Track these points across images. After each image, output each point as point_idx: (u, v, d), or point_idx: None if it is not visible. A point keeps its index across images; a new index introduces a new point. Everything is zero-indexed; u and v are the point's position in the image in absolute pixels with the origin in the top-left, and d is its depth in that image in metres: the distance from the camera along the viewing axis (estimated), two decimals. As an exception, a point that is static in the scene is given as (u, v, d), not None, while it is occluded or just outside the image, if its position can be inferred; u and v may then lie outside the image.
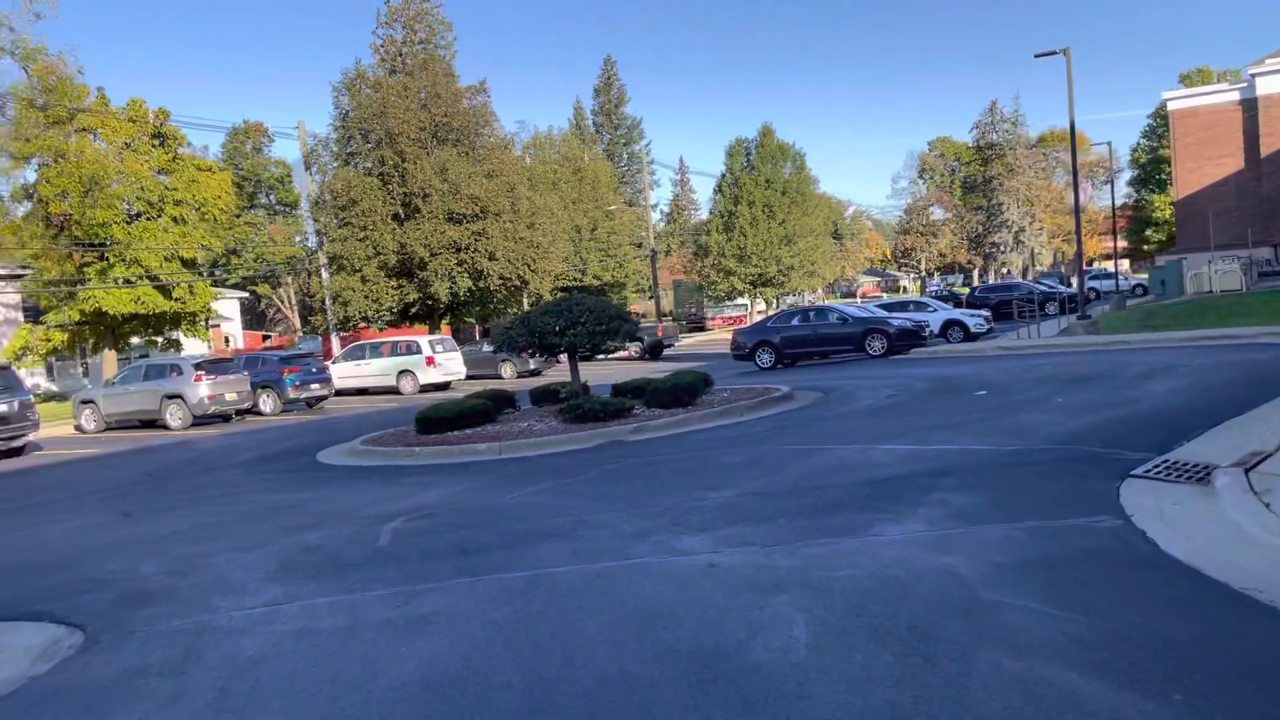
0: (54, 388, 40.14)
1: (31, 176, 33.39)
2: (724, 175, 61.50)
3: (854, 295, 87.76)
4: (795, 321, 25.83)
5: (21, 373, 38.81)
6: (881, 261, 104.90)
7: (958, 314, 29.54)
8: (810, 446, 10.48)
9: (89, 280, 33.56)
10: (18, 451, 19.63)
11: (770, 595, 5.09)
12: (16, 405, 19.08)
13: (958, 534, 6.09)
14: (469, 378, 31.24)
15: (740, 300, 64.91)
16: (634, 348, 35.64)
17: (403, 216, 38.74)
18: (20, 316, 40.34)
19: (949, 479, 7.82)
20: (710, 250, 61.04)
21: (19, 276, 39.02)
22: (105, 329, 35.34)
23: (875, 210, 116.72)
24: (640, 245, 64.44)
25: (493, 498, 9.26)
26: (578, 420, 14.02)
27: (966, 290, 50.04)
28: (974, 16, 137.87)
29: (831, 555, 5.82)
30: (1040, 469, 7.99)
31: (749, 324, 51.22)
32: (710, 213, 65.94)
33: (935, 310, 30.04)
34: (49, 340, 35.20)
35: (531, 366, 32.16)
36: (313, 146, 42.38)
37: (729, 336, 51.28)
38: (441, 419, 14.64)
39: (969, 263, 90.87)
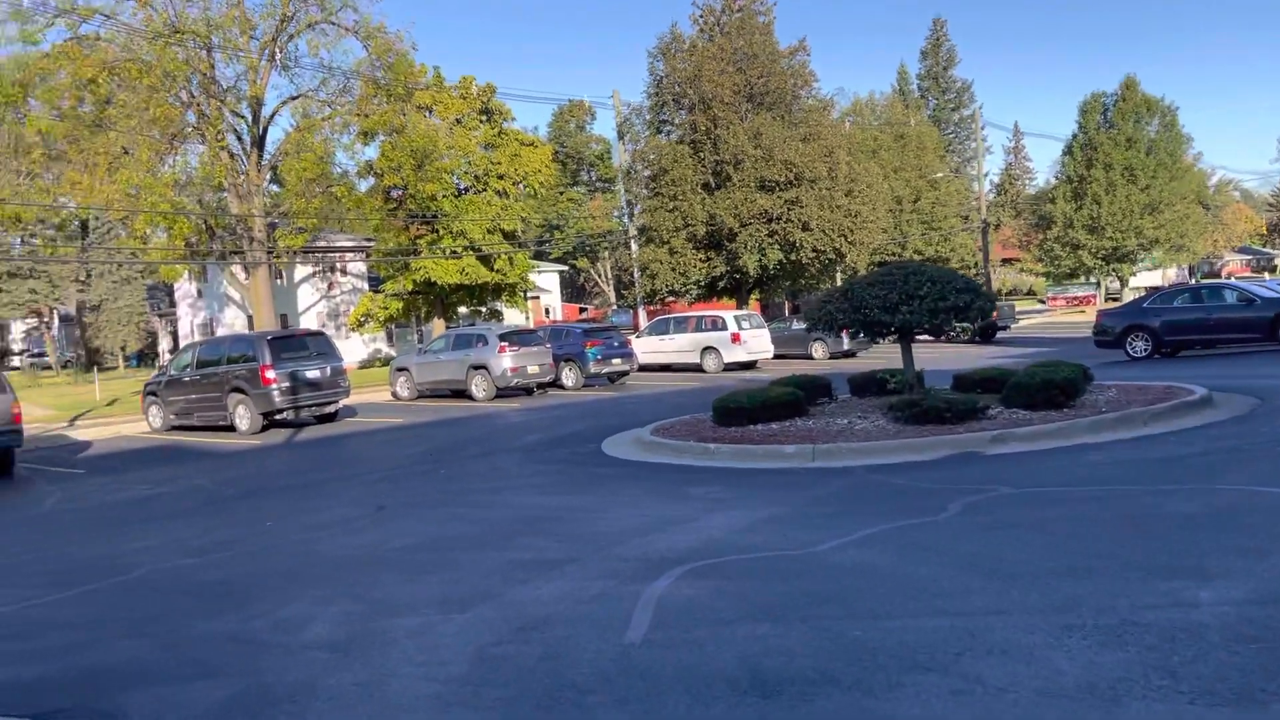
0: (392, 353, 42.94)
1: (373, 153, 35.31)
2: (1075, 135, 53.83)
3: (1217, 275, 74.61)
4: (1179, 302, 21.21)
5: (365, 338, 42.44)
6: (1256, 238, 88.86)
7: None
8: (1315, 495, 6.60)
9: (420, 251, 35.03)
10: (330, 417, 19.81)
11: None
12: (329, 371, 19.13)
13: None
14: (776, 357, 28.74)
15: (1086, 279, 56.94)
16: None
17: (713, 185, 36.82)
18: (365, 285, 43.63)
19: None
20: (1055, 221, 53.70)
21: (364, 248, 42.09)
22: (434, 298, 36.90)
23: (1248, 179, 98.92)
24: (967, 218, 58.30)
25: (807, 541, 6.44)
26: (914, 420, 10.96)
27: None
28: None
29: None
30: None
31: (1104, 305, 44.17)
32: (1055, 178, 58.16)
33: None
34: (386, 308, 37.41)
35: (846, 347, 28.92)
36: (626, 115, 41.75)
37: (1072, 319, 44.88)
38: (742, 409, 12.17)
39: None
